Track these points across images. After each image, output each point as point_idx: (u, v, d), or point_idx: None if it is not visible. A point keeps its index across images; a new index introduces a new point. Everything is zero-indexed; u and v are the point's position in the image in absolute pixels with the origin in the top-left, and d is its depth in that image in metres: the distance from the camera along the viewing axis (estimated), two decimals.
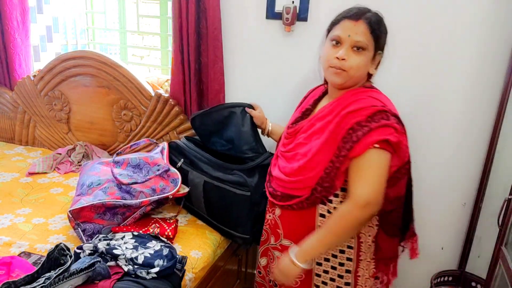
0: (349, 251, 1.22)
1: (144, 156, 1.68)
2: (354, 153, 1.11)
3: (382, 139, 1.08)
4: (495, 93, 1.60)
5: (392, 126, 1.10)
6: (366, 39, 1.14)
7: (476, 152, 1.69)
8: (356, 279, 1.24)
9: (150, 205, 1.53)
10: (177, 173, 1.60)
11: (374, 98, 1.16)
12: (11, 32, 2.24)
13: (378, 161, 1.11)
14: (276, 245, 1.34)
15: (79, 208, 1.44)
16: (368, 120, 1.10)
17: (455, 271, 1.79)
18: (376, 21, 1.16)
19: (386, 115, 1.11)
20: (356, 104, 1.15)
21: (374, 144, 1.09)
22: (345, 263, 1.23)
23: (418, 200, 1.80)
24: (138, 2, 2.34)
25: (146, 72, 2.54)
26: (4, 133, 2.47)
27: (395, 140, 1.09)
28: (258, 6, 1.83)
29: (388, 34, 1.21)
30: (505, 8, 1.52)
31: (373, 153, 1.10)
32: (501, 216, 1.34)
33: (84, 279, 1.14)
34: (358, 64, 1.16)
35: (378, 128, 1.09)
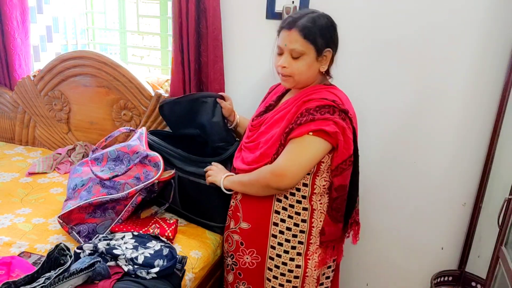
0: (302, 235, 1.33)
1: (122, 146, 1.63)
2: (293, 135, 1.23)
3: (318, 129, 1.20)
4: (495, 93, 1.60)
5: (333, 120, 1.21)
6: (301, 45, 1.24)
7: (476, 152, 1.69)
8: (306, 261, 1.35)
9: (139, 195, 1.49)
10: (158, 156, 1.54)
11: (331, 93, 1.28)
12: (11, 32, 2.23)
13: (308, 144, 1.22)
14: (235, 229, 1.44)
15: (67, 212, 1.44)
16: (316, 109, 1.22)
17: (455, 271, 1.79)
18: (308, 26, 1.23)
19: (333, 109, 1.22)
20: (313, 95, 1.27)
21: (309, 132, 1.21)
22: (297, 246, 1.34)
23: (418, 200, 1.81)
24: (138, 2, 2.34)
25: (146, 72, 2.54)
26: (4, 133, 2.47)
27: (332, 130, 1.19)
28: (258, 6, 1.82)
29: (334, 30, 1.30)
30: (505, 8, 1.52)
31: (307, 137, 1.21)
32: (501, 216, 1.34)
33: (84, 279, 1.14)
34: (298, 69, 1.28)
35: (319, 120, 1.21)
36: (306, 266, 1.35)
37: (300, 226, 1.33)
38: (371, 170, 1.85)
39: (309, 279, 1.36)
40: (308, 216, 1.32)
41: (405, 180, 1.81)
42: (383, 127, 1.79)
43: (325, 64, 1.30)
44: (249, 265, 1.42)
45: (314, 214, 1.33)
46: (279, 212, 1.34)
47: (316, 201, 1.32)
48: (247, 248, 1.41)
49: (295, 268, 1.35)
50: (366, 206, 1.91)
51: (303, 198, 1.31)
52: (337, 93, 1.30)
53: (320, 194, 1.32)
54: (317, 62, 1.28)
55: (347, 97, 1.35)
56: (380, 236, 1.92)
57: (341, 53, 1.75)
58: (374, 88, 1.76)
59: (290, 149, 1.24)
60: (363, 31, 1.71)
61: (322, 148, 1.23)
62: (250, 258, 1.41)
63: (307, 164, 1.24)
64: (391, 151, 1.81)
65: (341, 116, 1.23)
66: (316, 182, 1.30)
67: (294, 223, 1.33)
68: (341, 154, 1.24)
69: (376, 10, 1.68)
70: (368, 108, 1.77)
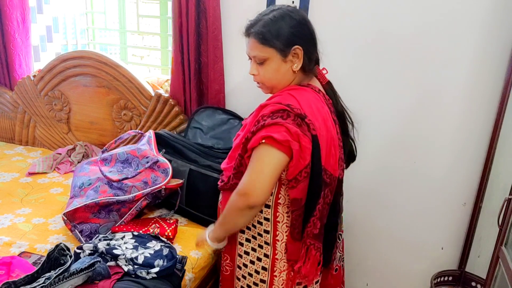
0: (267, 247, 1.24)
1: (132, 149, 1.64)
2: (250, 145, 1.15)
3: (267, 135, 1.10)
4: (495, 93, 1.60)
5: (284, 125, 1.10)
6: (260, 51, 1.17)
7: (476, 152, 1.68)
8: (272, 277, 1.24)
9: (145, 199, 1.51)
10: (167, 163, 1.57)
11: (291, 95, 1.16)
12: (11, 32, 2.24)
13: (263, 156, 1.13)
14: None
15: (72, 210, 1.44)
16: (270, 115, 1.13)
17: (455, 271, 1.79)
18: (262, 32, 1.16)
19: (286, 114, 1.11)
20: (271, 99, 1.19)
21: (262, 140, 1.11)
22: (262, 259, 1.25)
23: (419, 200, 1.81)
24: (138, 2, 2.34)
25: (146, 72, 2.54)
26: (4, 133, 2.47)
27: (282, 139, 1.09)
28: (258, 6, 1.81)
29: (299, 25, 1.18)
30: (505, 8, 1.52)
31: (262, 147, 1.12)
32: (501, 216, 1.34)
33: (84, 279, 1.14)
34: (265, 75, 1.20)
35: (270, 125, 1.11)
36: (272, 283, 1.24)
37: (264, 237, 1.23)
38: (371, 170, 1.85)
39: None
40: (271, 227, 1.22)
41: (405, 180, 1.81)
42: (383, 127, 1.79)
43: (297, 63, 1.18)
44: (224, 271, 1.37)
45: (278, 226, 1.21)
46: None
47: (282, 213, 1.20)
48: (224, 253, 1.36)
49: (260, 282, 1.26)
50: (367, 206, 1.91)
51: (266, 208, 1.21)
52: (300, 95, 1.17)
53: (286, 206, 1.20)
54: (285, 64, 1.18)
55: (314, 98, 1.20)
56: (380, 236, 1.92)
57: (340, 53, 1.76)
58: (374, 89, 1.76)
59: (250, 164, 1.16)
60: (363, 32, 1.71)
61: (277, 158, 1.11)
62: (225, 263, 1.37)
63: (268, 176, 1.13)
64: (391, 151, 1.81)
65: (296, 121, 1.10)
66: (281, 192, 1.19)
67: (258, 232, 1.24)
68: (297, 163, 1.12)
69: (376, 10, 1.67)
70: (368, 108, 1.77)
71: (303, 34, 1.19)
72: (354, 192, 1.91)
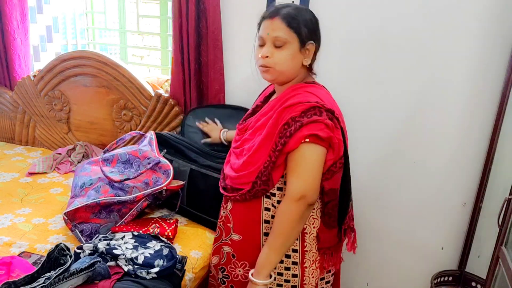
0: (295, 242, 1.25)
1: (133, 150, 1.64)
2: (288, 148, 1.16)
3: (311, 134, 1.13)
4: (495, 93, 1.60)
5: (323, 122, 1.14)
6: (284, 33, 1.17)
7: (476, 152, 1.69)
8: (303, 270, 1.28)
9: (146, 200, 1.51)
10: (169, 164, 1.56)
11: (311, 93, 1.20)
12: (11, 32, 2.24)
13: (310, 155, 1.15)
14: (227, 240, 1.37)
15: (73, 209, 1.44)
16: (302, 115, 1.15)
17: (455, 271, 1.79)
18: (292, 15, 1.18)
19: (319, 110, 1.15)
20: (292, 100, 1.19)
21: (305, 139, 1.13)
22: (291, 255, 1.26)
23: (419, 200, 1.81)
24: (138, 2, 2.34)
25: (146, 72, 2.54)
26: (4, 133, 2.47)
27: (325, 136, 1.13)
28: (258, 6, 1.82)
29: (317, 23, 1.23)
30: (505, 8, 1.52)
31: (305, 147, 1.14)
32: (501, 216, 1.34)
33: (84, 279, 1.14)
34: (281, 59, 1.19)
35: (309, 123, 1.13)
36: (303, 275, 1.28)
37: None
38: (371, 170, 1.85)
39: (308, 287, 1.30)
40: None
41: (405, 180, 1.81)
42: (383, 127, 1.79)
43: (308, 58, 1.22)
44: (241, 278, 1.33)
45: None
46: (268, 221, 1.27)
47: None
48: (239, 260, 1.33)
49: (291, 278, 1.28)
50: (366, 206, 1.91)
51: None
52: (318, 92, 1.21)
53: None
54: (300, 54, 1.20)
55: (330, 95, 1.27)
56: (380, 236, 1.92)
57: (340, 53, 1.76)
58: (373, 89, 1.76)
59: (294, 167, 1.17)
60: (363, 31, 1.71)
61: (320, 155, 1.16)
62: (242, 271, 1.33)
63: (318, 174, 1.17)
64: (391, 151, 1.81)
65: (329, 117, 1.16)
66: None
67: None
68: (335, 156, 1.19)
69: (376, 10, 1.68)
70: (368, 108, 1.78)
71: (319, 35, 1.24)
72: (354, 192, 1.90)
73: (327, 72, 1.76)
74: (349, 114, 1.72)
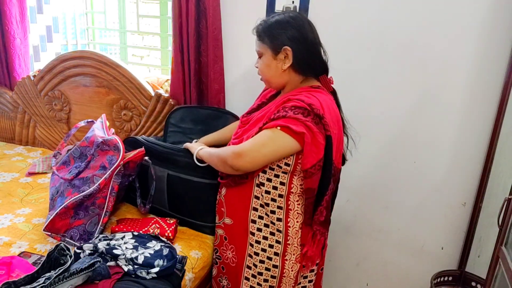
0: (279, 234, 1.33)
1: (81, 141, 1.59)
2: (265, 127, 1.26)
3: (286, 125, 1.21)
4: (495, 93, 1.60)
5: (304, 123, 1.21)
6: (258, 46, 1.35)
7: (476, 152, 1.69)
8: (283, 262, 1.35)
9: (113, 182, 1.46)
10: (116, 139, 1.50)
11: (312, 95, 1.27)
12: (10, 32, 2.24)
13: (273, 136, 1.24)
14: (220, 223, 1.48)
15: (49, 223, 1.43)
16: (291, 108, 1.23)
17: (455, 271, 1.79)
18: (259, 28, 1.34)
19: (307, 112, 1.22)
20: (292, 96, 1.28)
21: (277, 126, 1.23)
22: (274, 245, 1.34)
23: (418, 200, 1.81)
24: (138, 2, 2.34)
25: (146, 72, 2.54)
26: (4, 133, 2.47)
27: (298, 130, 1.20)
28: (258, 6, 1.83)
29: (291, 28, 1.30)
30: (505, 9, 1.52)
31: (275, 130, 1.23)
32: (501, 216, 1.33)
33: (84, 279, 1.14)
34: (260, 69, 1.37)
35: (291, 118, 1.22)
36: (283, 267, 1.35)
37: (277, 225, 1.33)
38: (371, 170, 1.85)
39: (286, 279, 1.36)
40: (283, 215, 1.32)
41: (405, 180, 1.81)
42: (383, 127, 1.79)
43: (286, 63, 1.31)
44: (230, 262, 1.44)
45: (290, 214, 1.32)
46: (257, 209, 1.35)
47: (293, 201, 1.32)
48: (229, 243, 1.44)
49: (272, 268, 1.35)
50: (366, 206, 1.91)
51: (279, 197, 1.31)
52: (319, 96, 1.28)
53: (297, 194, 1.32)
54: (275, 61, 1.32)
55: (331, 101, 1.33)
56: (380, 236, 1.92)
57: (340, 54, 1.76)
58: (373, 89, 1.76)
59: (257, 136, 1.27)
60: (363, 32, 1.71)
61: (287, 143, 1.23)
62: (231, 255, 1.43)
63: (268, 153, 1.25)
64: (391, 151, 1.81)
65: (314, 121, 1.22)
66: (294, 182, 1.30)
67: (270, 221, 1.33)
68: (310, 157, 1.23)
69: (376, 10, 1.68)
70: (368, 108, 1.78)
71: (295, 37, 1.29)
72: (354, 192, 1.91)
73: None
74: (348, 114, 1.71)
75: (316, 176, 1.27)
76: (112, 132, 1.67)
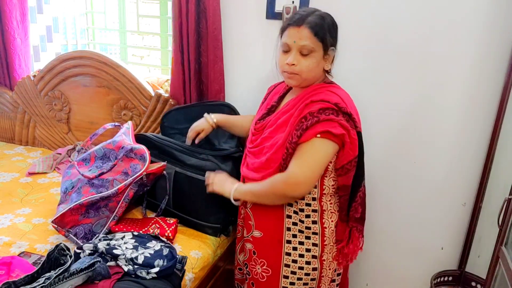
0: (315, 237, 1.32)
1: (107, 143, 1.61)
2: (302, 140, 1.22)
3: (325, 130, 1.20)
4: (495, 93, 1.60)
5: (339, 121, 1.20)
6: (311, 42, 1.24)
7: (476, 152, 1.68)
8: (321, 263, 1.34)
9: (130, 189, 1.48)
10: (144, 149, 1.52)
11: (332, 92, 1.26)
12: (10, 32, 2.23)
13: (318, 148, 1.22)
14: (248, 237, 1.42)
15: (59, 216, 1.43)
16: (320, 112, 1.21)
17: (455, 271, 1.79)
18: (318, 24, 1.24)
19: (336, 112, 1.22)
20: (314, 97, 1.25)
21: (317, 134, 1.20)
22: (311, 249, 1.32)
23: (419, 200, 1.81)
24: (138, 2, 2.34)
25: (146, 72, 2.54)
26: (4, 133, 2.47)
27: (338, 133, 1.19)
28: (258, 6, 1.83)
29: (337, 29, 1.31)
30: (505, 9, 1.52)
31: (316, 141, 1.21)
32: (501, 216, 1.34)
33: (84, 279, 1.14)
34: (307, 67, 1.26)
35: (325, 121, 1.20)
36: (322, 267, 1.34)
37: (312, 228, 1.31)
38: (371, 170, 1.85)
39: (325, 279, 1.36)
40: (318, 217, 1.31)
41: (405, 180, 1.81)
42: (383, 127, 1.79)
43: (329, 63, 1.31)
44: (259, 277, 1.39)
45: (324, 215, 1.32)
46: (290, 216, 1.32)
47: (326, 202, 1.31)
48: (259, 257, 1.38)
49: (311, 271, 1.33)
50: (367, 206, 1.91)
51: (313, 200, 1.30)
52: (339, 92, 1.29)
53: (329, 195, 1.32)
54: (323, 60, 1.29)
55: (348, 95, 1.33)
56: (380, 236, 1.92)
57: (343, 54, 1.75)
58: (373, 89, 1.76)
59: (300, 155, 1.23)
60: (365, 33, 1.71)
61: (330, 150, 1.23)
62: (260, 269, 1.38)
63: (319, 168, 1.24)
64: (391, 151, 1.81)
65: (345, 118, 1.23)
66: (325, 183, 1.30)
67: (305, 226, 1.31)
68: (347, 154, 1.24)
69: (377, 11, 1.67)
70: (368, 108, 1.77)
71: (337, 39, 1.31)
72: None
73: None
74: None
75: (351, 172, 1.27)
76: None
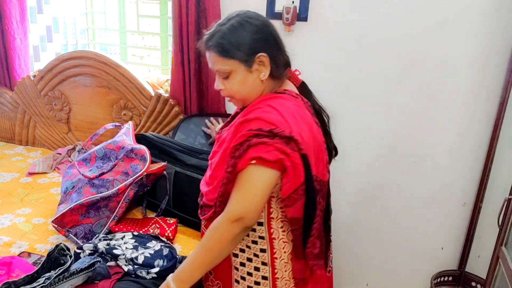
0: (264, 268, 1.14)
1: (108, 143, 1.62)
2: (238, 168, 1.05)
3: (257, 156, 1.02)
4: (495, 93, 1.60)
5: (274, 145, 1.01)
6: (222, 64, 1.09)
7: (476, 152, 1.69)
8: None
9: (131, 190, 1.47)
10: (144, 149, 1.51)
11: (272, 107, 1.07)
12: (10, 32, 2.23)
13: (255, 177, 1.04)
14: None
15: (59, 216, 1.43)
16: (252, 134, 1.03)
17: (455, 271, 1.79)
18: (225, 41, 1.07)
19: (272, 133, 1.02)
20: (251, 114, 1.08)
21: (251, 160, 1.02)
22: (261, 282, 1.15)
23: (418, 200, 1.81)
24: (138, 2, 2.34)
25: (146, 72, 2.54)
26: (4, 133, 2.47)
27: (273, 158, 1.01)
28: (258, 6, 1.82)
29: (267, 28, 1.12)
30: (505, 9, 1.52)
31: (253, 168, 1.03)
32: (501, 216, 1.34)
33: (84, 279, 1.14)
34: (232, 89, 1.12)
35: (258, 144, 1.02)
36: None
37: (261, 257, 1.14)
38: (371, 171, 1.85)
39: None
40: (267, 245, 1.13)
41: (405, 180, 1.81)
42: (383, 127, 1.79)
43: (264, 71, 1.10)
44: None
45: (274, 243, 1.13)
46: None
47: (276, 228, 1.13)
48: (215, 278, 1.24)
49: None
50: (366, 206, 1.91)
51: (258, 225, 1.13)
52: (281, 106, 1.07)
53: (280, 220, 1.12)
54: (251, 74, 1.09)
55: (297, 107, 1.10)
56: (380, 236, 1.92)
57: (341, 54, 1.76)
58: (373, 89, 1.76)
59: (238, 187, 1.06)
60: (363, 32, 1.71)
61: (269, 178, 1.04)
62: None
63: (262, 198, 1.06)
64: (391, 151, 1.81)
65: (284, 140, 1.02)
66: (272, 205, 1.11)
67: (253, 253, 1.14)
68: (293, 181, 1.04)
69: (377, 10, 1.68)
70: (368, 108, 1.78)
71: (266, 40, 1.10)
72: (354, 192, 1.91)
73: (326, 71, 1.77)
74: (348, 114, 1.72)
75: (300, 202, 1.07)
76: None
